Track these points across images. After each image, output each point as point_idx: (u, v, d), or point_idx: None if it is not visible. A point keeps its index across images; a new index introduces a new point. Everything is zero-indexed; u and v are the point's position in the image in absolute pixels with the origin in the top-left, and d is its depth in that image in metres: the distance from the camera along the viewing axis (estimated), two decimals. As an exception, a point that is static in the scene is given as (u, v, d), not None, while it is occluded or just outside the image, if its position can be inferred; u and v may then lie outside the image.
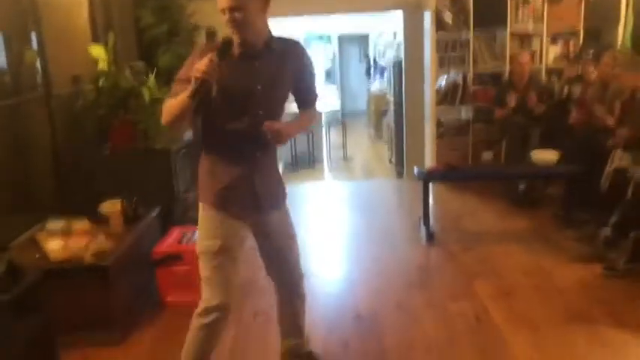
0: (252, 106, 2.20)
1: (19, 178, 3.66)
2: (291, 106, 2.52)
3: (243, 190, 2.29)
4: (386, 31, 10.43)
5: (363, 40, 13.36)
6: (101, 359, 3.01)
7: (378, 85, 10.72)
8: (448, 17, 5.89)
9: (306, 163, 8.53)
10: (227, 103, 2.17)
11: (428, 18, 6.02)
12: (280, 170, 7.52)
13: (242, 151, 2.27)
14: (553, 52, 6.05)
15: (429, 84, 6.18)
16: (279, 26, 11.03)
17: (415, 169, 4.87)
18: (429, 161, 6.29)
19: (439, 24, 5.91)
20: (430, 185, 4.79)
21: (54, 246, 3.18)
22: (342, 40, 13.73)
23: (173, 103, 2.12)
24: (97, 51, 4.18)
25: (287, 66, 2.28)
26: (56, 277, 2.94)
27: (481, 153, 5.59)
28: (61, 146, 4.05)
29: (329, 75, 13.65)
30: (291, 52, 2.31)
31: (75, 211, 3.65)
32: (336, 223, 5.38)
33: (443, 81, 6.21)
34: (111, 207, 3.62)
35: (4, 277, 2.53)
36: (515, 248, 4.32)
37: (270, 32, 2.23)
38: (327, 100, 9.79)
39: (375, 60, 12.34)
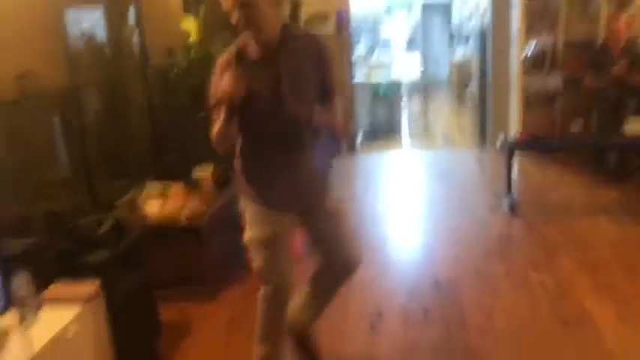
0: (280, 107, 2.12)
1: (121, 144, 3.94)
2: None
3: (283, 192, 2.23)
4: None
5: (446, 8, 13.01)
6: (195, 312, 3.24)
7: (461, 54, 10.46)
8: (537, -19, 5.66)
9: (385, 132, 8.52)
10: (254, 108, 2.09)
11: (516, -17, 5.82)
12: (359, 140, 7.53)
13: (276, 154, 2.21)
14: (655, 15, 5.67)
15: (515, 52, 5.99)
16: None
17: (499, 139, 4.79)
18: (514, 132, 6.13)
19: (528, -11, 5.70)
20: (514, 155, 4.70)
21: (152, 207, 3.44)
22: (425, 8, 13.43)
23: (216, 130, 2.11)
24: (189, 23, 4.36)
25: (311, 60, 2.17)
26: (154, 237, 3.18)
27: (569, 125, 5.39)
28: (157, 115, 4.31)
29: (411, 44, 13.43)
30: (311, 45, 2.20)
31: (170, 175, 3.90)
32: (416, 192, 5.40)
33: (530, 48, 6.00)
34: (203, 172, 3.84)
35: (110, 234, 2.78)
36: (602, 221, 4.19)
37: (284, 25, 2.13)
38: (409, 68, 9.67)
39: (458, 28, 12.01)
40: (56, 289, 2.40)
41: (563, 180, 5.28)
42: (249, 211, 2.29)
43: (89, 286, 2.45)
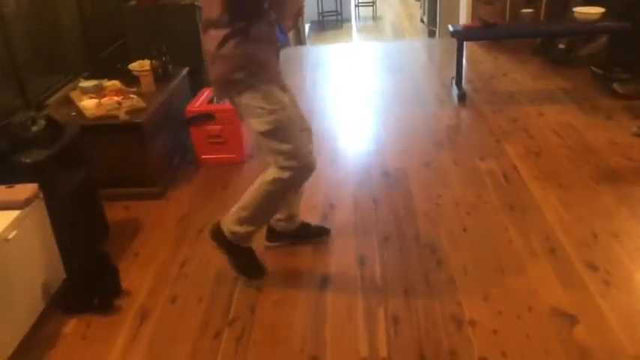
0: None
1: (49, 37, 3.63)
2: None
3: (276, 63, 2.30)
4: None
5: None
6: (142, 211, 3.17)
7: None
8: None
9: (334, 22, 8.25)
10: None
11: None
12: (306, 31, 7.28)
13: (272, 33, 2.22)
14: None
15: None
16: None
17: (449, 27, 4.67)
18: (464, 20, 6.02)
19: None
20: (464, 44, 4.62)
21: (88, 104, 3.23)
22: None
23: None
24: None
25: None
26: (93, 134, 3.02)
27: (519, 10, 5.31)
28: (85, 7, 3.97)
29: None
30: None
31: (106, 72, 3.66)
32: (365, 84, 5.30)
33: None
34: (141, 66, 3.61)
35: (44, 132, 2.61)
36: (549, 108, 4.25)
37: None
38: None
39: None
40: (-11, 192, 2.27)
41: (512, 68, 5.28)
42: (262, 94, 2.17)
43: (26, 188, 2.33)
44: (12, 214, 2.19)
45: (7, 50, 3.19)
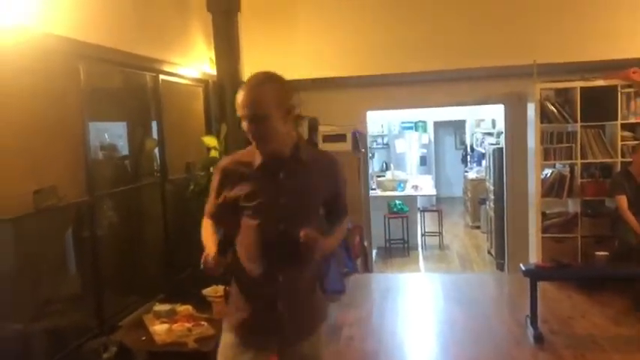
0: (273, 221, 2.02)
1: (133, 260, 3.84)
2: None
3: (265, 318, 2.09)
4: (484, 117, 10.37)
5: (459, 125, 13.30)
6: None
7: (475, 171, 10.56)
8: (553, 109, 5.75)
9: (400, 250, 8.38)
10: (247, 219, 2.05)
11: (531, 109, 5.91)
12: (373, 257, 7.34)
13: (264, 270, 2.06)
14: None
15: (532, 175, 5.97)
16: (376, 116, 11.15)
17: (521, 266, 4.62)
18: (533, 255, 5.97)
19: (543, 115, 5.78)
20: (537, 283, 4.51)
21: (159, 329, 3.26)
22: (438, 125, 13.75)
23: (202, 234, 2.14)
24: (210, 141, 4.42)
25: (320, 180, 2.11)
26: (160, 361, 3.00)
27: (590, 248, 5.23)
28: (170, 229, 4.24)
29: (424, 161, 13.61)
30: (326, 167, 2.16)
31: (181, 294, 3.76)
32: (434, 319, 5.16)
33: (548, 172, 5.99)
34: (214, 292, 3.69)
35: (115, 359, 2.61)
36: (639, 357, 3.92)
37: (298, 140, 2.10)
38: (422, 184, 9.69)
39: (472, 147, 12.22)
40: None
41: (590, 310, 5.01)
42: (222, 346, 2.16)
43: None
44: None
45: (93, 272, 3.37)
